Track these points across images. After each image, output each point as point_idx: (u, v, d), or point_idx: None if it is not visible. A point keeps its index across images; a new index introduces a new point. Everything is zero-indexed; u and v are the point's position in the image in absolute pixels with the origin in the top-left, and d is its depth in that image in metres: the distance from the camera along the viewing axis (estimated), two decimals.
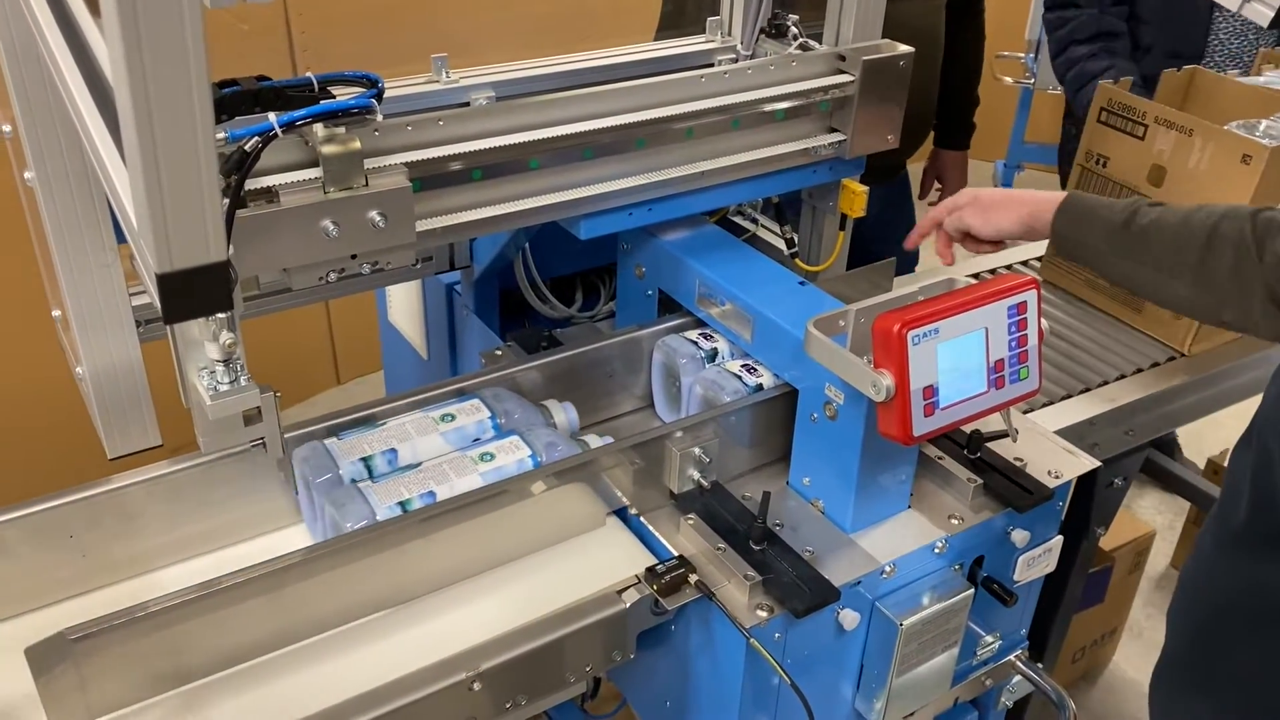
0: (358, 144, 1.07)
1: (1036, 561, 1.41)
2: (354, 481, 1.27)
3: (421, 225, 1.21)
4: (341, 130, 1.07)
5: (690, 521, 1.29)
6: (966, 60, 2.50)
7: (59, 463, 2.24)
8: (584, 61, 1.55)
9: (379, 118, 1.12)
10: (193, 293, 0.85)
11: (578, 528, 1.32)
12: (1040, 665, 1.51)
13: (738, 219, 1.75)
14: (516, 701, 1.16)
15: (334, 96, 1.08)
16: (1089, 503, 1.59)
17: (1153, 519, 3.05)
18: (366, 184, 1.09)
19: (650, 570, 1.22)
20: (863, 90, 1.48)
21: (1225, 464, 2.63)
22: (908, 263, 2.45)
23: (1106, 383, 1.73)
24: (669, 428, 1.33)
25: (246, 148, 0.98)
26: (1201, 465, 2.78)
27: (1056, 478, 1.38)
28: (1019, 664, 1.49)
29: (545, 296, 1.74)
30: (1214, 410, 1.84)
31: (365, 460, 1.29)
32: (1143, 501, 3.17)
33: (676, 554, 1.26)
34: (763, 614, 1.18)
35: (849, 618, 1.24)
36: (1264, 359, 1.86)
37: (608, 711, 1.83)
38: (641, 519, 1.33)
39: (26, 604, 1.20)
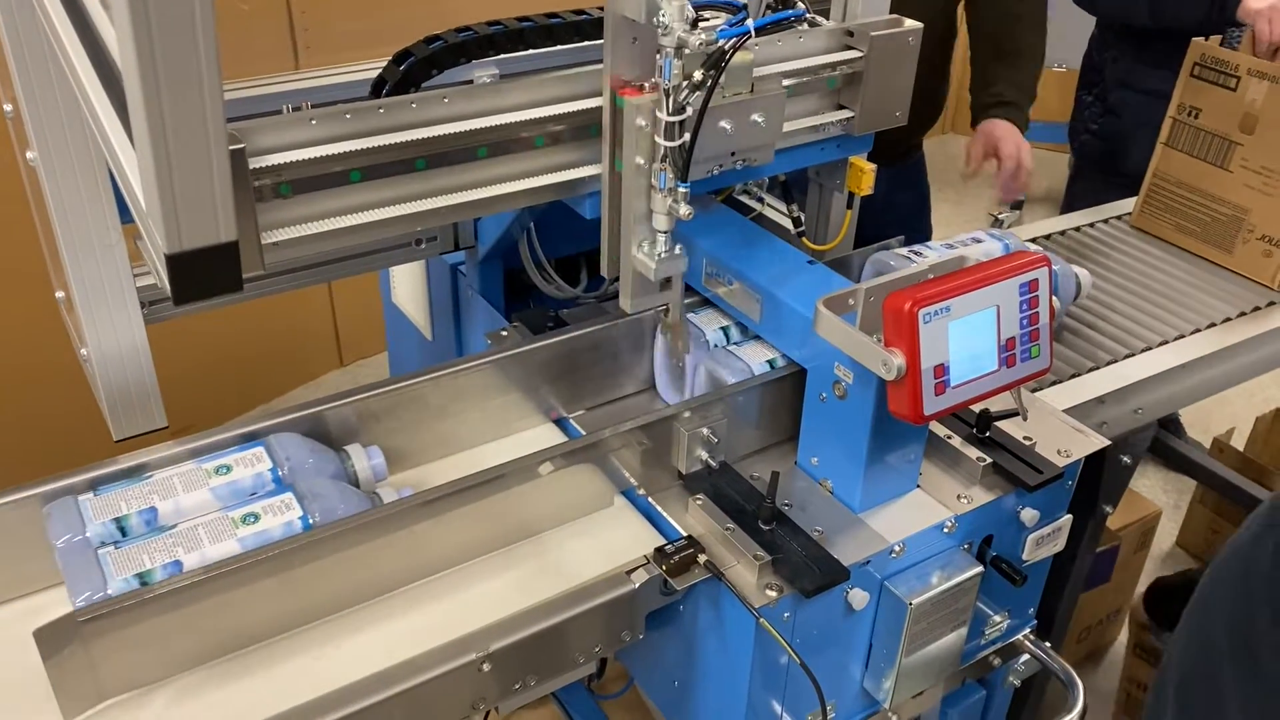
0: (751, 55, 1.25)
1: (1046, 541, 1.41)
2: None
3: (423, 206, 1.20)
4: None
5: (699, 502, 1.28)
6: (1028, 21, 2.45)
7: (64, 445, 2.24)
8: (589, 41, 1.53)
9: (805, 25, 1.42)
10: (203, 273, 0.84)
11: (586, 508, 1.32)
12: (1048, 644, 1.51)
13: (743, 198, 1.74)
14: (526, 682, 1.16)
15: (705, 19, 1.24)
16: (1097, 482, 1.59)
17: (1158, 498, 3.05)
18: (753, 90, 1.28)
19: (659, 550, 1.22)
20: (871, 66, 1.47)
21: (1231, 443, 2.64)
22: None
23: (1116, 360, 1.73)
24: (677, 408, 1.32)
25: (726, 47, 1.19)
26: (1207, 444, 2.78)
27: (1066, 456, 1.38)
28: (1028, 643, 1.49)
29: (550, 277, 1.73)
30: (1223, 389, 1.83)
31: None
32: (1146, 480, 3.17)
33: (685, 534, 1.25)
34: (772, 594, 1.18)
35: (858, 597, 1.24)
36: (1273, 335, 1.85)
37: (615, 691, 1.83)
38: (650, 499, 1.32)
39: None
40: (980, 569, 1.31)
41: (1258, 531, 0.97)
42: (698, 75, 1.19)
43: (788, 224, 1.66)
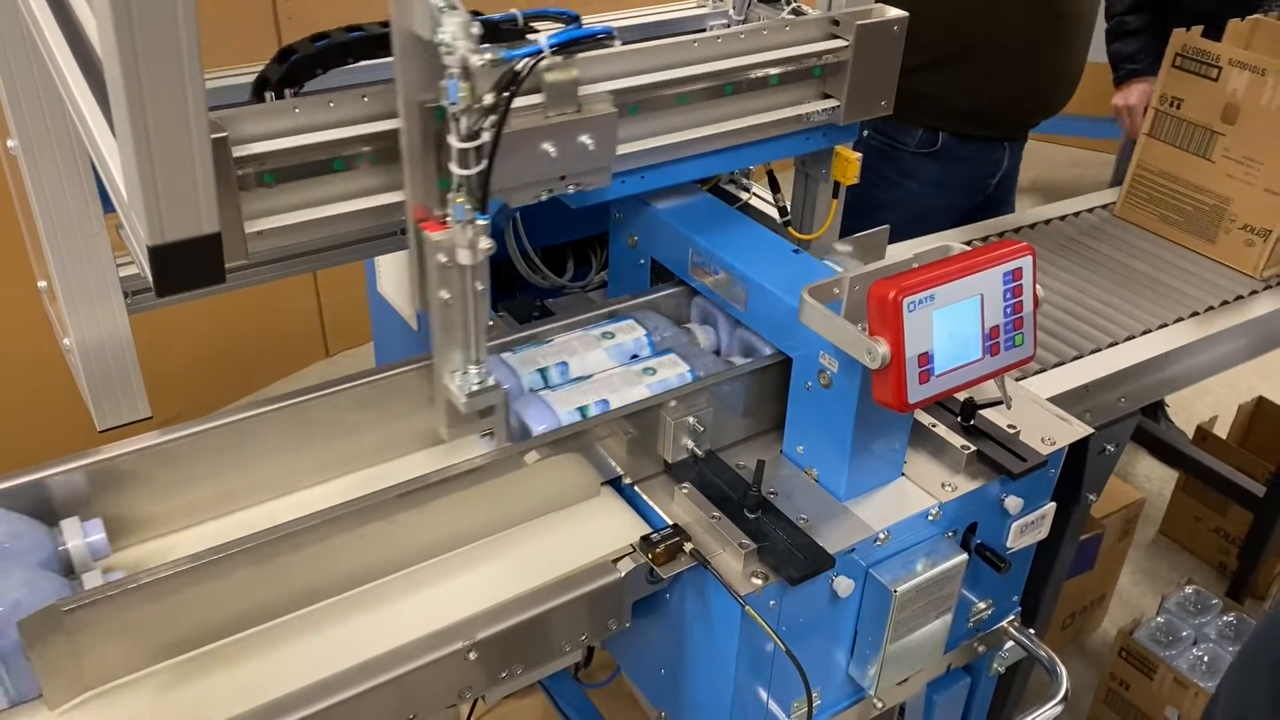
0: (576, 72, 1.19)
1: (1029, 528, 1.42)
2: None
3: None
4: (560, 59, 1.16)
5: (685, 490, 1.29)
6: None
7: (47, 435, 2.23)
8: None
9: (618, 44, 1.25)
10: (185, 265, 0.84)
11: (572, 497, 1.32)
12: (1032, 631, 1.52)
13: (730, 187, 1.74)
14: (512, 671, 1.16)
15: (536, 30, 1.18)
16: (1081, 470, 1.60)
17: (1142, 486, 3.07)
18: (579, 110, 1.21)
19: (645, 539, 1.22)
20: (857, 55, 1.47)
21: (1213, 430, 2.66)
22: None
23: (1099, 349, 1.74)
24: (663, 397, 1.32)
25: (518, 68, 1.08)
26: (1190, 432, 2.80)
27: (1050, 444, 1.39)
28: (1012, 630, 1.50)
29: (536, 266, 1.72)
30: (1206, 377, 1.85)
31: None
32: (1130, 468, 3.19)
33: (671, 523, 1.26)
34: (758, 581, 1.18)
35: (843, 585, 1.25)
36: (1255, 324, 1.87)
37: (601, 680, 1.83)
38: (636, 488, 1.32)
39: None
40: (964, 556, 1.32)
41: None
42: (489, 99, 1.06)
43: (774, 213, 1.67)
